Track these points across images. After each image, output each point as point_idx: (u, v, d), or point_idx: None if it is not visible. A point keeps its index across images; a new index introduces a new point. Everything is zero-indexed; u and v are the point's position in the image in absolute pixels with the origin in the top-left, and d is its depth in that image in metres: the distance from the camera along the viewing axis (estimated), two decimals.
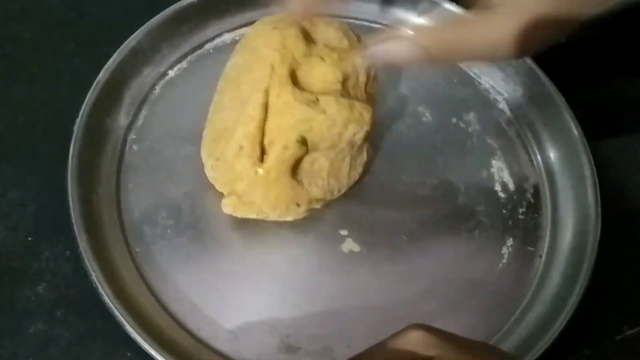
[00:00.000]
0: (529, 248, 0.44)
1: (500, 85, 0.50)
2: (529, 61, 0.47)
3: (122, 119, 0.45)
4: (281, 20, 0.41)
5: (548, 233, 0.44)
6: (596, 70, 0.52)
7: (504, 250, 0.43)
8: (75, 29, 0.50)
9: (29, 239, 0.41)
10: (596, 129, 0.46)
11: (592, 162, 0.44)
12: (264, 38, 0.40)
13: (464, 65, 0.50)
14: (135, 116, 0.45)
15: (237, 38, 0.49)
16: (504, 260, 0.43)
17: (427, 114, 0.48)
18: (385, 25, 0.51)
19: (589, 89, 0.51)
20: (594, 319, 0.42)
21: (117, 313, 0.36)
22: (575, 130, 0.45)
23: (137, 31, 0.45)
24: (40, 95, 0.46)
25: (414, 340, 0.31)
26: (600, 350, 0.42)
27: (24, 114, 0.45)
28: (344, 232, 0.42)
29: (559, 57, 0.41)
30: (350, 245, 0.42)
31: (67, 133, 0.41)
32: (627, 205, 0.47)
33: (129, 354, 0.37)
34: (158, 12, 0.46)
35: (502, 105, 0.49)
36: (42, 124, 0.45)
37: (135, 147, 0.44)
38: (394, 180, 0.45)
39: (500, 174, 0.46)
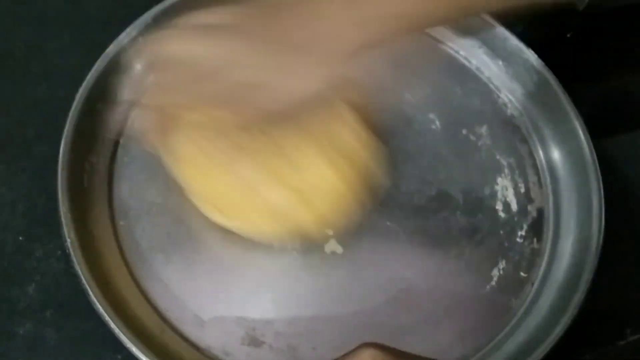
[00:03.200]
0: (522, 274, 0.41)
1: (519, 101, 0.47)
2: (551, 80, 0.45)
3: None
4: None
5: (544, 261, 0.42)
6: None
7: (495, 272, 0.41)
8: (71, 25, 0.49)
9: (20, 238, 0.40)
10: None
11: (602, 192, 0.41)
12: None
13: (484, 77, 0.48)
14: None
15: None
16: (493, 283, 0.41)
17: (437, 123, 0.46)
18: None
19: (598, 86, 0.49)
20: (597, 324, 0.41)
21: (83, 281, 0.36)
22: (589, 157, 0.43)
23: (154, 7, 0.46)
24: (34, 92, 0.45)
25: None
26: (603, 355, 0.41)
27: (17, 112, 0.45)
28: (329, 232, 0.41)
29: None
30: (333, 246, 0.41)
31: (60, 131, 0.40)
32: (631, 207, 0.46)
33: (119, 357, 0.37)
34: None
35: (518, 121, 0.47)
36: (35, 122, 0.44)
37: (137, 122, 0.44)
38: (391, 186, 0.43)
39: (504, 192, 0.44)
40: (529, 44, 0.46)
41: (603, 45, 0.51)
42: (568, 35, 0.52)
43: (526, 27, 0.49)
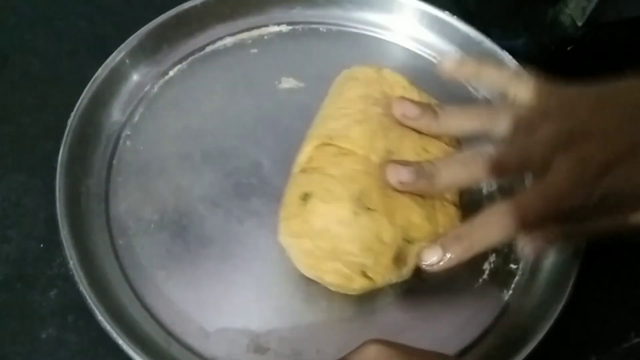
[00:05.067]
0: (511, 266, 0.43)
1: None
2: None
3: (118, 115, 0.46)
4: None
5: None
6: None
7: (486, 266, 0.43)
8: (87, 40, 0.51)
9: (42, 245, 0.42)
10: None
11: None
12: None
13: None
14: (132, 113, 0.46)
15: (238, 42, 0.51)
16: (484, 276, 0.42)
17: None
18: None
19: None
20: (601, 326, 0.42)
21: (89, 300, 0.37)
22: None
23: (139, 30, 0.47)
24: (55, 104, 0.47)
25: (371, 357, 0.31)
26: (607, 357, 0.42)
27: (39, 123, 0.46)
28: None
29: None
30: None
31: None
32: None
33: None
34: None
35: None
36: (56, 133, 0.45)
37: (128, 142, 0.45)
38: None
39: (489, 189, 0.46)
40: (530, 57, 0.48)
41: (603, 58, 0.53)
42: (568, 49, 0.54)
43: (526, 40, 0.50)
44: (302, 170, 0.39)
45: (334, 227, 0.36)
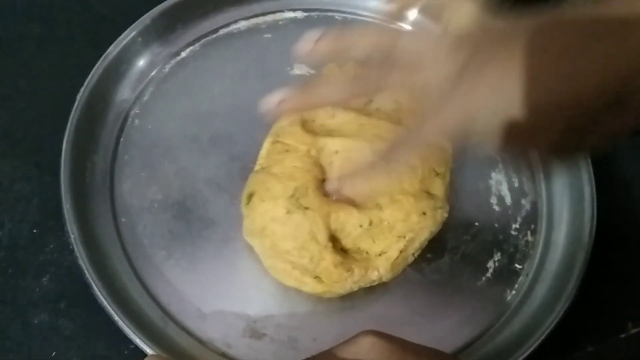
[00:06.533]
0: (516, 265, 0.42)
1: None
2: None
3: (128, 93, 0.46)
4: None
5: (538, 253, 0.43)
6: None
7: (490, 264, 0.42)
8: (82, 24, 0.50)
9: (34, 231, 0.41)
10: None
11: (594, 183, 0.42)
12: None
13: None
14: (142, 92, 0.46)
15: (252, 26, 0.50)
16: (488, 274, 0.42)
17: None
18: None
19: None
20: (598, 317, 0.41)
21: (88, 275, 0.37)
22: None
23: (153, 9, 0.47)
24: (48, 89, 0.47)
25: (366, 348, 0.31)
26: (604, 347, 0.41)
27: (32, 108, 0.46)
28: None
29: None
30: None
31: None
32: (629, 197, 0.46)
33: (131, 346, 0.37)
34: None
35: None
36: (49, 118, 0.45)
37: (137, 121, 0.45)
38: None
39: (499, 187, 0.45)
40: None
41: None
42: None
43: None
44: (256, 169, 0.41)
45: (270, 225, 0.38)
